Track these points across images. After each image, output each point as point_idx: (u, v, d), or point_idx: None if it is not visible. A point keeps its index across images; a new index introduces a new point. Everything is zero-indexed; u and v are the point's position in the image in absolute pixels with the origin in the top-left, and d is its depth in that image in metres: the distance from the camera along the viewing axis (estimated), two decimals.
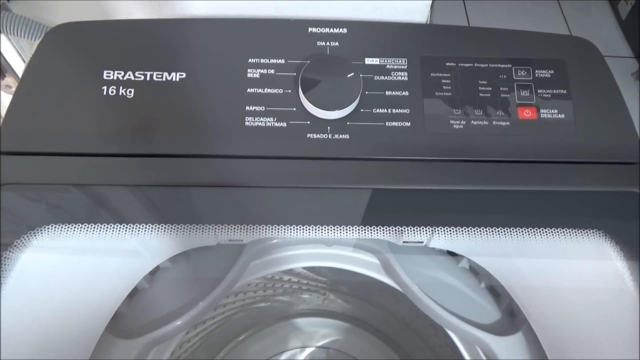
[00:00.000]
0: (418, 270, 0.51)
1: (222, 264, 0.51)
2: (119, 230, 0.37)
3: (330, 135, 0.40)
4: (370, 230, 0.37)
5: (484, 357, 0.49)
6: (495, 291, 0.52)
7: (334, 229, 0.37)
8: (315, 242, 0.53)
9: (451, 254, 0.55)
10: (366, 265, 0.54)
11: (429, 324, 0.64)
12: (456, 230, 0.39)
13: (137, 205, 0.38)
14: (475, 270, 0.53)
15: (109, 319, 0.44)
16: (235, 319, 0.71)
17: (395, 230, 0.38)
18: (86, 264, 0.43)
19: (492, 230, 0.38)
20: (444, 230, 0.40)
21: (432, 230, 0.42)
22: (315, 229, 0.37)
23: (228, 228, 0.37)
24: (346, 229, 0.37)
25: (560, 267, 0.42)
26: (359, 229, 0.37)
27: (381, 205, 0.38)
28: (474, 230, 0.39)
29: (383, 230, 0.37)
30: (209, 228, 0.37)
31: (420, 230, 0.42)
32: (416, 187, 0.39)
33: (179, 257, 0.53)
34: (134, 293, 0.50)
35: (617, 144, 0.41)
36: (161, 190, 0.38)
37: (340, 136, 0.40)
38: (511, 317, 0.50)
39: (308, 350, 0.78)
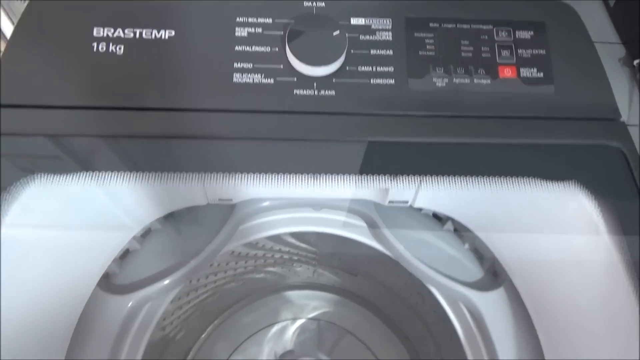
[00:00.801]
0: (404, 232, 0.53)
1: (212, 226, 0.52)
2: (110, 179, 0.38)
3: (316, 92, 0.41)
4: (356, 179, 0.38)
5: (467, 315, 0.51)
6: (479, 252, 0.53)
7: (320, 177, 0.38)
8: (302, 205, 0.54)
9: (437, 218, 0.56)
10: (353, 229, 0.55)
11: (416, 292, 0.66)
12: (440, 183, 0.40)
13: (127, 156, 0.39)
14: (460, 233, 0.54)
15: (100, 275, 0.46)
16: (227, 288, 0.72)
17: (382, 179, 0.39)
18: (78, 221, 0.44)
19: (474, 180, 0.39)
20: (428, 184, 0.41)
21: (417, 184, 0.43)
22: (301, 177, 0.38)
23: (217, 177, 0.38)
24: (332, 178, 0.38)
25: (540, 222, 0.44)
26: (344, 177, 0.38)
27: (366, 157, 0.39)
28: (457, 183, 0.40)
29: (369, 179, 0.38)
30: (199, 178, 0.38)
31: (404, 185, 0.43)
32: (400, 139, 0.40)
33: (169, 221, 0.54)
34: (126, 254, 0.52)
35: (594, 101, 0.42)
36: (151, 142, 0.39)
37: (326, 92, 0.41)
38: (494, 277, 0.51)
39: (299, 322, 0.79)
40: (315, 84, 0.41)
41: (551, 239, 0.43)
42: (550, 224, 0.43)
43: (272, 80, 0.41)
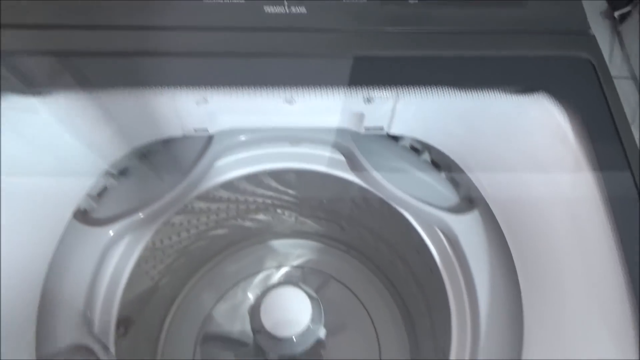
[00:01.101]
0: (382, 162, 0.53)
1: (188, 162, 0.52)
2: (79, 101, 0.38)
3: (287, 9, 0.40)
4: (329, 91, 0.38)
5: (443, 239, 0.52)
6: (455, 181, 0.54)
7: (294, 91, 0.38)
8: (279, 139, 0.54)
9: (414, 150, 0.57)
10: (333, 164, 0.55)
11: (397, 229, 0.67)
12: (414, 96, 0.40)
13: (98, 75, 0.38)
14: (437, 163, 0.55)
15: (74, 206, 0.45)
16: (212, 235, 0.72)
17: (355, 93, 0.39)
18: (45, 159, 0.44)
19: (446, 93, 0.39)
20: (402, 98, 0.42)
21: (393, 101, 0.43)
22: (274, 91, 0.38)
23: (188, 94, 0.38)
24: (305, 90, 0.38)
25: (510, 135, 0.44)
26: (317, 90, 0.38)
27: (338, 73, 0.39)
28: (430, 97, 0.40)
29: (341, 90, 0.38)
30: (170, 95, 0.38)
31: (378, 102, 0.43)
32: (372, 53, 0.40)
33: (145, 160, 0.54)
34: (104, 191, 0.51)
35: (564, 14, 0.43)
36: (122, 59, 0.38)
37: (297, 10, 0.40)
38: (469, 203, 0.52)
39: (283, 270, 0.81)
40: (285, 2, 0.40)
41: (521, 152, 0.44)
42: (520, 137, 0.43)
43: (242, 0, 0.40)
